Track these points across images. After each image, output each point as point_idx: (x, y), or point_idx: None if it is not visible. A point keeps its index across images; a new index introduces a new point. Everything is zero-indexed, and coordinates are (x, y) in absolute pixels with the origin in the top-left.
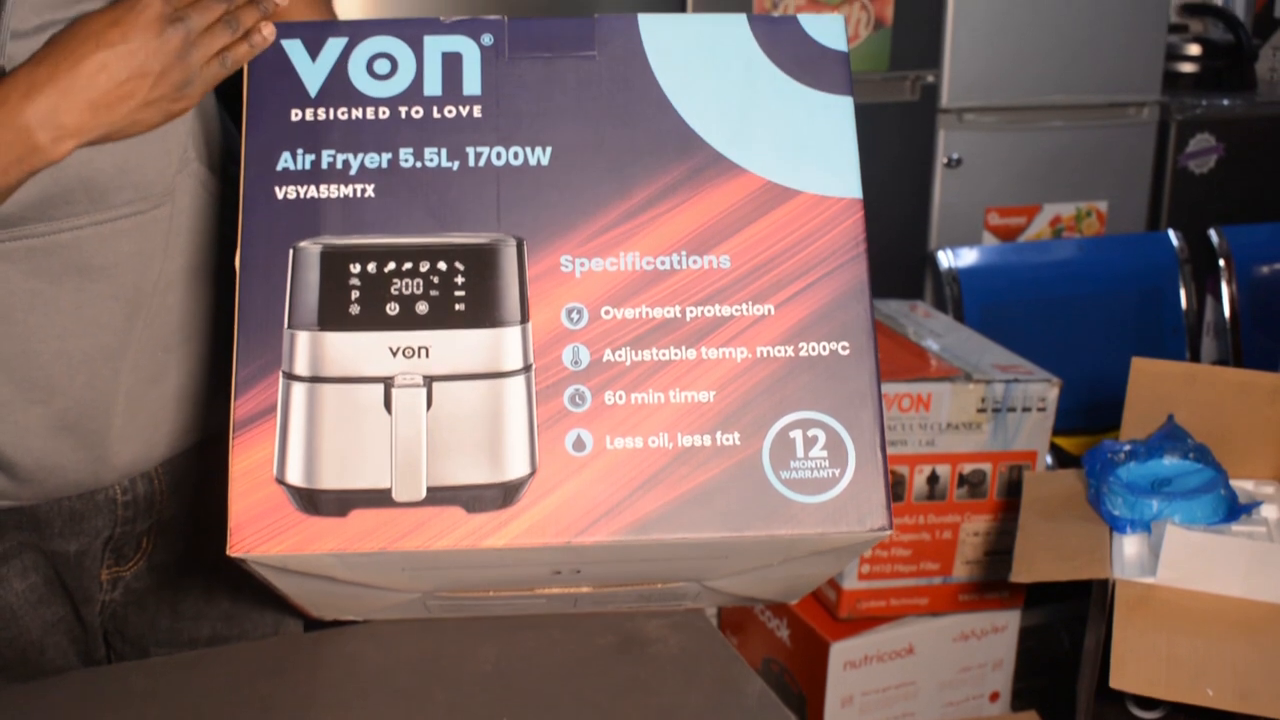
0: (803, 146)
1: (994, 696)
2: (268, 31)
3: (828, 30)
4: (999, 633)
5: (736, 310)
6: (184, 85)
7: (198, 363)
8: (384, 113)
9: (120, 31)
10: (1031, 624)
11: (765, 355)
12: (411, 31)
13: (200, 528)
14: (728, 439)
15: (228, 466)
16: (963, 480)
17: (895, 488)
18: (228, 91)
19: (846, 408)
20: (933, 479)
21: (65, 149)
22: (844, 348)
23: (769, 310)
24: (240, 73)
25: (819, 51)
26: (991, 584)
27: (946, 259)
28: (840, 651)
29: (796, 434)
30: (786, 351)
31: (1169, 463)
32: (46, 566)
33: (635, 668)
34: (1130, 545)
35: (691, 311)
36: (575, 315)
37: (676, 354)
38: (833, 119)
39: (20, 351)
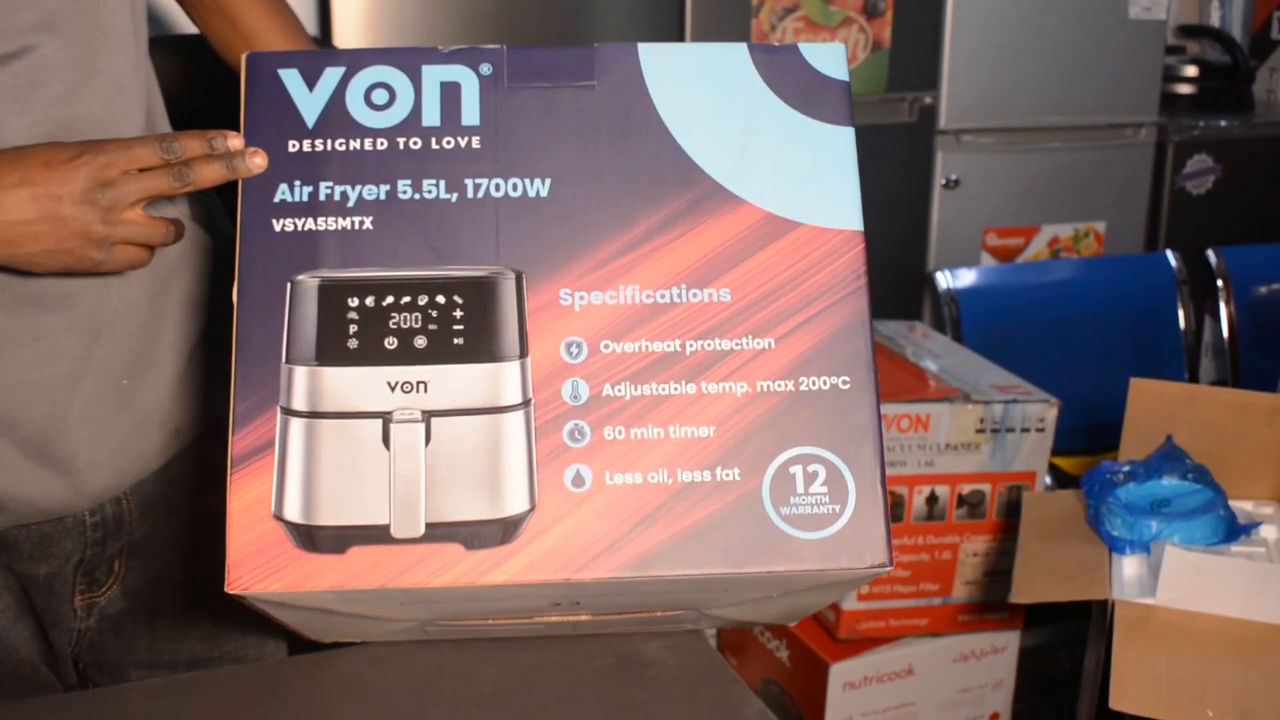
0: (803, 178)
1: (994, 717)
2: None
3: (829, 60)
4: (998, 653)
5: (737, 344)
6: (96, 248)
7: (165, 388)
8: (382, 143)
9: (48, 175)
10: (1031, 644)
11: (766, 389)
12: (409, 61)
13: (175, 548)
14: (728, 474)
15: (208, 492)
16: (962, 501)
17: (894, 508)
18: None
19: (847, 443)
20: (932, 499)
21: None
22: (844, 382)
23: (769, 344)
24: (228, 102)
25: (820, 81)
26: (991, 604)
27: (945, 280)
28: (840, 672)
29: (797, 469)
30: (787, 386)
31: (1168, 483)
32: (17, 586)
33: (634, 689)
34: (1129, 566)
35: (691, 345)
36: (575, 349)
37: (676, 388)
38: (834, 150)
39: None
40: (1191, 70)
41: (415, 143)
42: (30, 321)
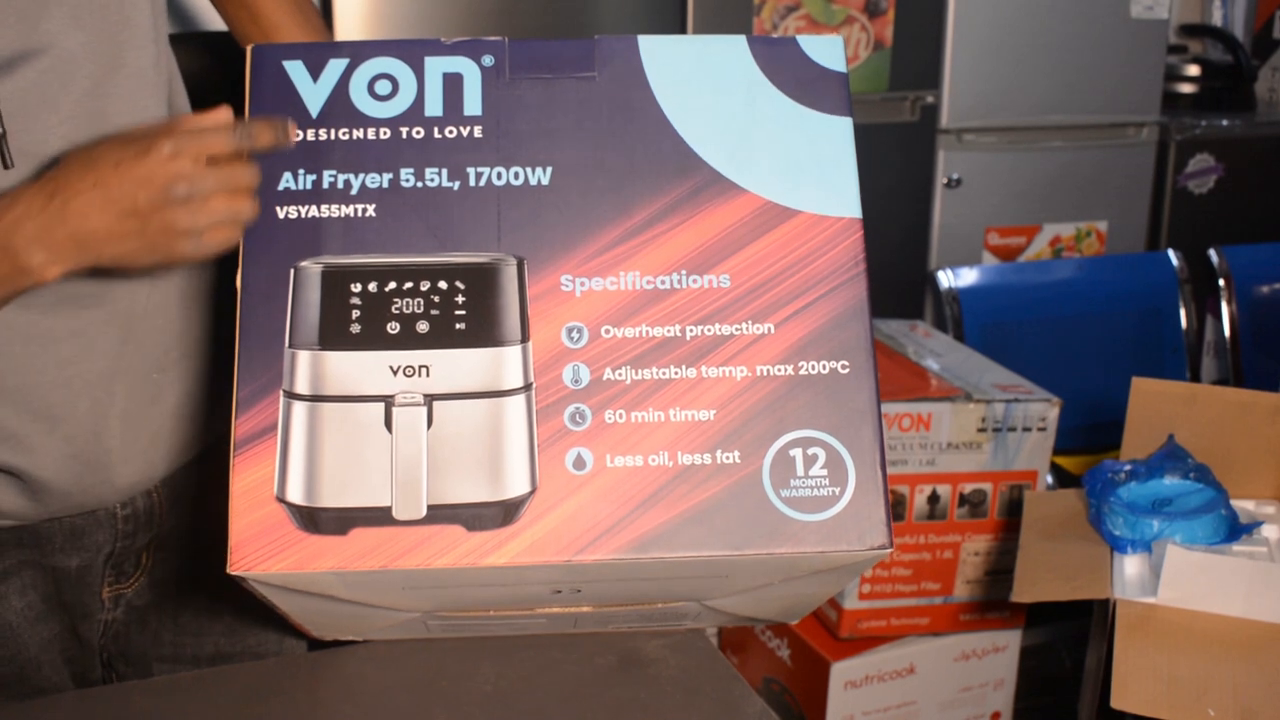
0: (802, 167)
1: (995, 716)
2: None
3: (827, 51)
4: (1000, 652)
5: (736, 329)
6: (185, 240)
7: (194, 381)
8: (385, 133)
9: (119, 176)
10: (1032, 644)
11: (765, 374)
12: (412, 52)
13: (201, 542)
14: (728, 457)
15: (228, 483)
16: (963, 500)
17: (896, 507)
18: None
19: (846, 426)
20: (933, 498)
21: (54, 274)
22: (844, 366)
23: (769, 329)
24: (232, 87)
25: (818, 73)
26: (992, 604)
27: (946, 279)
28: (841, 671)
29: (796, 452)
30: (786, 370)
31: (1169, 483)
32: (46, 583)
33: (635, 688)
34: (1131, 565)
35: (691, 330)
36: (575, 334)
37: (676, 373)
38: (832, 139)
39: (24, 383)
40: (1193, 69)
41: (418, 132)
42: (69, 318)
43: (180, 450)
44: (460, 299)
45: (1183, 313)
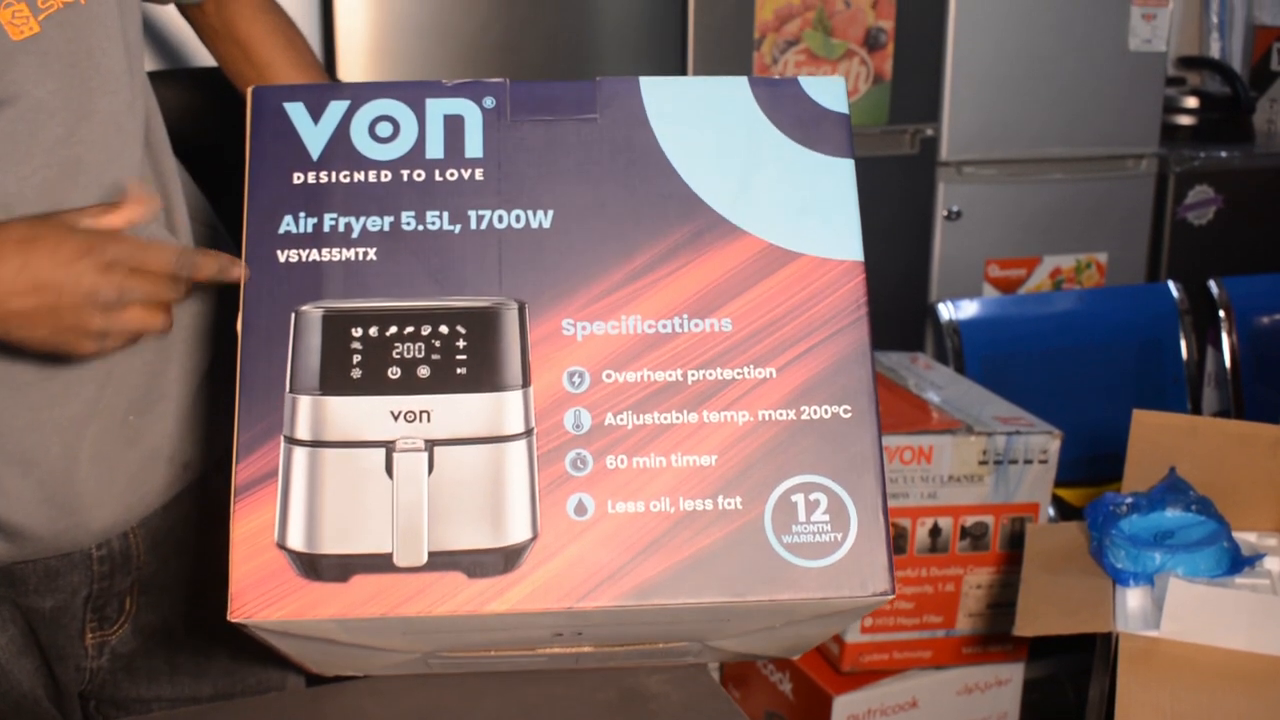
0: (804, 209)
1: None
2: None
3: (829, 92)
4: (1003, 686)
5: (738, 373)
6: (91, 341)
7: (171, 423)
8: (386, 175)
9: (53, 265)
10: (1035, 677)
11: (767, 419)
12: (413, 94)
13: (188, 585)
14: (729, 503)
15: (218, 525)
16: (965, 533)
17: (897, 540)
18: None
19: (849, 471)
20: (935, 531)
21: None
22: (846, 411)
23: (771, 373)
24: (231, 127)
25: (820, 114)
26: (995, 637)
27: (947, 311)
28: (843, 705)
29: (799, 498)
30: (788, 415)
31: (1171, 515)
32: (22, 621)
33: None
34: (1133, 598)
35: (693, 375)
36: (577, 379)
37: (678, 418)
38: (834, 181)
39: None
40: (1192, 101)
41: (419, 175)
42: (40, 361)
43: (158, 492)
44: (461, 343)
45: (1183, 344)
